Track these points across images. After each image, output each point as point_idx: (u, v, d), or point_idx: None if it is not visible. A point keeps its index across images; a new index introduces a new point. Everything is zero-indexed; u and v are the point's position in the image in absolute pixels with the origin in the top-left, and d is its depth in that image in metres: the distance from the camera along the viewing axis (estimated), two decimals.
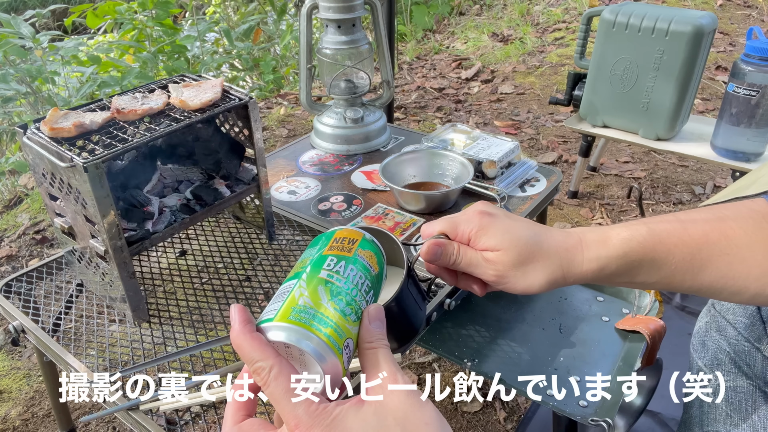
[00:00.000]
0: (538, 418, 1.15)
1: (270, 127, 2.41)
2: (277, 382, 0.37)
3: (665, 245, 0.49)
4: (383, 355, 0.40)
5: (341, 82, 1.29)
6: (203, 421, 0.70)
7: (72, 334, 0.84)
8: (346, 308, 0.41)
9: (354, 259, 0.44)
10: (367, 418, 0.37)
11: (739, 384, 0.68)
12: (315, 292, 0.41)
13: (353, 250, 0.45)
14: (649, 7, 1.46)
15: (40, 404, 1.25)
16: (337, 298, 0.41)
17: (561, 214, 1.82)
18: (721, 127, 1.43)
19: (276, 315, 0.39)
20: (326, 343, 0.38)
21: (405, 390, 0.38)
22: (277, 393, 0.37)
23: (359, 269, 0.44)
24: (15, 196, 2.04)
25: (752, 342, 0.70)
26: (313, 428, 0.36)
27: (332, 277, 0.42)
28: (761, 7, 3.45)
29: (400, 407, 0.37)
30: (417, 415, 0.37)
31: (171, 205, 0.89)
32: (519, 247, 0.49)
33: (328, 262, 0.43)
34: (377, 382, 0.38)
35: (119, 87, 2.03)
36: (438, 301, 0.85)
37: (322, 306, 0.40)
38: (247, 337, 0.38)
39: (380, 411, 0.37)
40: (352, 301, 0.42)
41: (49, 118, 0.76)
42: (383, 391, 0.38)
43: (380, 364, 0.39)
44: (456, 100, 2.61)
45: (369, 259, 0.46)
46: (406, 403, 0.37)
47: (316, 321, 0.39)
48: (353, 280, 0.43)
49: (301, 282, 0.41)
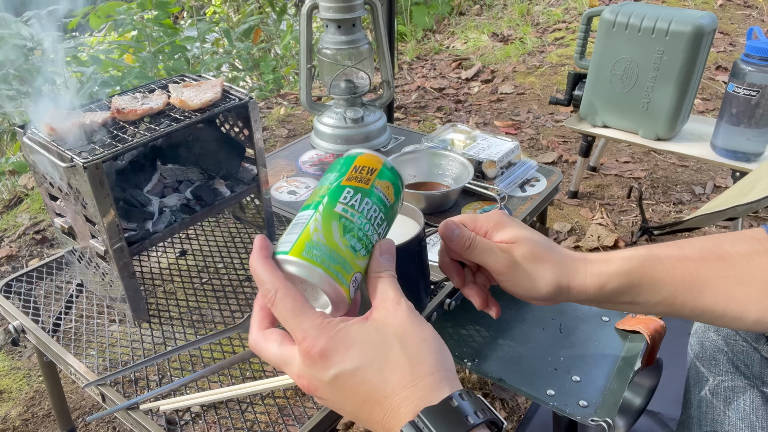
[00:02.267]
0: (538, 418, 1.15)
1: (270, 127, 2.41)
2: (283, 302, 0.40)
3: (665, 265, 0.50)
4: (389, 283, 0.43)
5: (341, 82, 1.29)
6: (203, 421, 0.70)
7: (72, 334, 0.84)
8: (357, 244, 0.44)
9: (371, 191, 0.45)
10: (369, 331, 0.40)
11: (737, 384, 0.68)
12: (329, 228, 0.43)
13: (371, 181, 0.46)
14: (649, 7, 1.46)
15: (40, 404, 1.25)
16: (350, 234, 0.43)
17: (561, 214, 1.82)
18: (721, 127, 1.43)
19: (291, 248, 0.43)
20: (334, 279, 0.42)
21: (406, 311, 0.41)
22: (283, 312, 0.40)
23: (375, 202, 0.45)
24: (15, 196, 2.04)
25: (750, 342, 0.70)
26: (318, 339, 0.39)
27: (347, 212, 0.44)
28: (761, 7, 3.45)
29: (400, 324, 0.40)
30: (416, 331, 0.40)
31: (171, 205, 0.89)
32: (533, 244, 0.51)
33: (345, 195, 0.45)
34: (382, 305, 0.42)
35: (119, 87, 2.03)
36: (438, 301, 0.85)
37: (333, 243, 0.43)
38: (260, 262, 0.42)
39: (381, 327, 0.40)
40: (364, 236, 0.44)
41: (49, 118, 0.76)
42: (385, 312, 0.41)
43: (386, 291, 0.42)
44: (456, 100, 2.61)
45: (386, 191, 0.46)
46: (407, 321, 0.40)
47: (327, 258, 0.42)
48: (367, 214, 0.45)
49: (317, 215, 0.44)
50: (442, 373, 0.39)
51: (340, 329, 0.39)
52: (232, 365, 0.75)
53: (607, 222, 1.76)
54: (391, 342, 0.39)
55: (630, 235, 1.69)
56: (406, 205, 0.77)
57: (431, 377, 0.38)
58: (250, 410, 0.71)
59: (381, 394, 0.38)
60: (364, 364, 0.39)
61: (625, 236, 1.69)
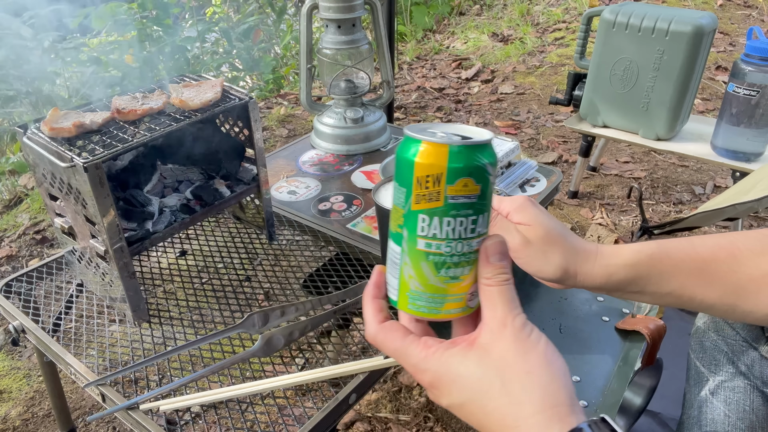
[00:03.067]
0: None
1: (270, 127, 2.41)
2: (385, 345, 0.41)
3: (673, 259, 0.50)
4: (499, 293, 0.39)
5: (341, 82, 1.29)
6: (203, 421, 0.70)
7: (72, 334, 0.84)
8: (456, 270, 0.39)
9: (445, 209, 0.38)
10: (470, 365, 0.38)
11: (737, 384, 0.68)
12: (420, 271, 0.40)
13: (441, 194, 0.38)
14: (649, 7, 1.46)
15: (40, 404, 1.25)
16: (444, 268, 0.39)
17: (561, 214, 1.82)
18: (721, 127, 1.43)
19: (397, 300, 0.42)
20: (446, 317, 0.41)
21: (511, 336, 0.38)
22: (389, 352, 0.41)
23: (455, 215, 0.38)
24: (15, 196, 2.04)
25: (750, 342, 0.70)
26: (425, 373, 0.39)
27: (431, 246, 0.39)
28: (761, 7, 3.45)
29: (502, 356, 0.38)
30: (519, 363, 0.37)
31: (171, 205, 0.89)
32: (549, 229, 0.51)
33: (421, 225, 0.39)
34: (488, 324, 0.39)
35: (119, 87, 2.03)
36: None
37: (431, 286, 0.40)
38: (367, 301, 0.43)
39: (483, 359, 0.38)
40: (461, 256, 0.39)
41: (49, 118, 0.76)
42: (490, 335, 0.38)
43: (495, 305, 0.39)
44: (456, 100, 2.61)
45: (464, 191, 0.38)
46: (510, 351, 0.37)
47: (431, 303, 0.40)
48: (454, 233, 0.39)
49: (405, 258, 0.40)
50: (551, 411, 0.36)
51: (443, 362, 0.39)
52: (232, 365, 0.75)
53: (607, 222, 1.76)
54: (492, 379, 0.37)
55: (630, 235, 1.69)
56: None
57: (534, 418, 0.36)
58: (250, 410, 0.71)
59: (489, 429, 0.38)
60: (468, 399, 0.38)
61: (625, 236, 1.69)
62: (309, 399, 0.71)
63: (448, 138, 0.38)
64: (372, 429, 1.17)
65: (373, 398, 1.23)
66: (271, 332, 0.76)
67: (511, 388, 0.37)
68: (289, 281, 0.93)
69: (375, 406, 1.21)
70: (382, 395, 1.23)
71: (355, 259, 0.97)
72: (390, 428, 1.17)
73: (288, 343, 0.78)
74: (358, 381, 0.72)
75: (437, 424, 1.17)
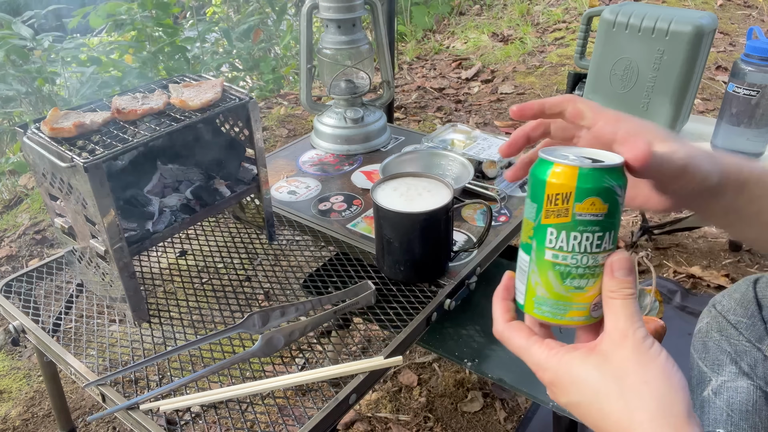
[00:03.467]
0: (538, 418, 1.15)
1: (270, 127, 2.41)
2: (510, 343, 0.45)
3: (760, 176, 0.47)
4: (621, 307, 0.40)
5: (341, 82, 1.29)
6: (203, 421, 0.70)
7: (72, 334, 0.84)
8: (580, 282, 0.42)
9: (573, 224, 0.41)
10: (590, 369, 0.40)
11: (740, 384, 0.68)
12: (547, 279, 0.43)
13: (570, 211, 0.41)
14: (649, 7, 1.46)
15: (40, 404, 1.25)
16: (569, 278, 0.42)
17: None
18: (721, 127, 1.43)
19: (524, 304, 0.46)
20: (569, 324, 0.44)
21: (632, 346, 0.39)
22: (513, 350, 0.44)
23: (584, 230, 0.41)
24: (15, 196, 2.04)
25: (753, 342, 0.70)
26: (546, 372, 0.42)
27: (557, 257, 0.42)
28: (761, 7, 3.45)
29: (622, 365, 0.39)
30: (638, 373, 0.38)
31: (171, 205, 0.89)
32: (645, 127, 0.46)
33: (549, 238, 0.42)
34: (610, 335, 0.40)
35: (119, 87, 2.03)
36: (438, 301, 0.85)
37: (556, 294, 0.43)
38: (497, 302, 0.46)
39: (602, 365, 0.39)
40: (586, 269, 0.42)
41: (50, 118, 0.76)
42: (611, 344, 0.40)
43: (617, 317, 0.40)
44: (456, 100, 2.61)
45: (591, 209, 0.41)
46: (630, 360, 0.39)
47: (555, 310, 0.44)
48: (580, 247, 0.41)
49: (533, 266, 0.44)
50: (664, 420, 0.36)
51: (564, 363, 0.41)
52: (232, 365, 0.75)
53: None
54: (610, 384, 0.39)
55: (630, 235, 1.69)
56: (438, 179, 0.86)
57: (648, 425, 0.36)
58: (250, 410, 0.71)
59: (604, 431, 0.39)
60: (585, 401, 0.40)
61: (625, 236, 1.69)
62: (309, 399, 0.71)
63: (579, 161, 0.41)
64: (372, 429, 1.17)
65: (373, 398, 1.23)
66: (271, 332, 0.76)
67: (627, 395, 0.38)
68: (289, 281, 0.93)
69: (375, 406, 1.21)
70: (382, 395, 1.23)
71: (355, 259, 0.97)
72: (390, 428, 1.16)
73: (288, 343, 0.78)
74: (358, 381, 0.72)
75: (437, 424, 1.17)
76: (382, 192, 0.86)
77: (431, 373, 1.28)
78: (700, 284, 1.50)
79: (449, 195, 0.83)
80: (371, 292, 0.83)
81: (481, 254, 0.94)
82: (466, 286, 0.90)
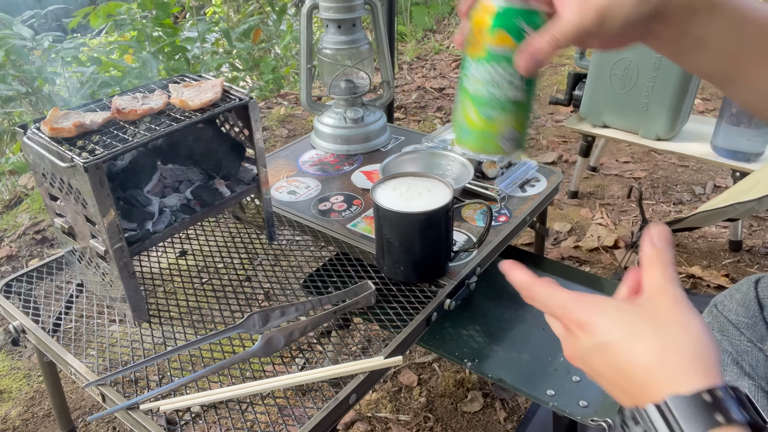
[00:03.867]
0: (538, 418, 1.15)
1: (270, 127, 2.41)
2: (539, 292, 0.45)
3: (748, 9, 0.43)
4: (659, 271, 0.41)
5: (341, 82, 1.29)
6: (203, 421, 0.70)
7: (72, 334, 0.84)
8: (491, 111, 0.48)
9: (487, 57, 0.46)
10: (625, 311, 0.40)
11: (741, 385, 0.68)
12: (466, 108, 0.49)
13: (481, 43, 0.46)
14: None
15: (40, 404, 1.25)
16: (482, 107, 0.47)
17: (561, 214, 1.82)
18: (721, 127, 1.43)
19: (455, 137, 0.51)
20: (482, 152, 0.50)
21: (671, 300, 0.40)
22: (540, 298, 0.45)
23: (495, 63, 0.46)
24: (15, 196, 2.04)
25: (755, 342, 0.70)
26: (576, 312, 0.41)
27: (473, 88, 0.47)
28: None
29: (659, 310, 0.40)
30: (676, 321, 0.39)
31: (171, 205, 0.89)
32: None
33: (470, 70, 0.47)
34: (647, 291, 0.41)
35: (119, 87, 2.03)
36: (438, 301, 0.85)
37: (472, 122, 0.49)
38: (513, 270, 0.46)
39: (638, 310, 0.40)
40: (495, 101, 0.47)
41: (50, 118, 0.76)
42: (648, 298, 0.41)
43: (655, 278, 0.41)
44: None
45: (502, 43, 0.45)
46: (669, 308, 0.40)
47: (473, 139, 0.49)
48: (492, 79, 0.46)
49: (459, 96, 0.49)
50: (696, 365, 0.37)
51: (599, 303, 0.41)
52: (232, 365, 0.75)
53: (607, 222, 1.76)
54: (644, 324, 0.39)
55: (630, 235, 1.69)
56: (438, 179, 0.87)
57: (681, 366, 0.37)
58: (250, 410, 0.71)
59: (630, 371, 0.39)
60: (614, 340, 0.39)
61: (625, 236, 1.69)
62: (309, 399, 0.71)
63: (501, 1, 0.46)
64: (372, 429, 1.17)
65: (373, 398, 1.23)
66: (271, 332, 0.76)
67: (663, 336, 0.38)
68: (289, 281, 0.93)
69: (375, 406, 1.21)
70: (382, 395, 1.23)
71: (355, 259, 0.97)
72: (390, 428, 1.17)
73: (288, 343, 0.78)
74: (358, 381, 0.72)
75: (437, 424, 1.17)
76: (382, 192, 0.86)
77: (431, 373, 1.28)
78: (700, 284, 1.50)
79: (449, 195, 0.83)
80: (371, 292, 0.83)
81: (481, 254, 0.94)
82: (466, 286, 0.90)
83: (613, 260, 1.60)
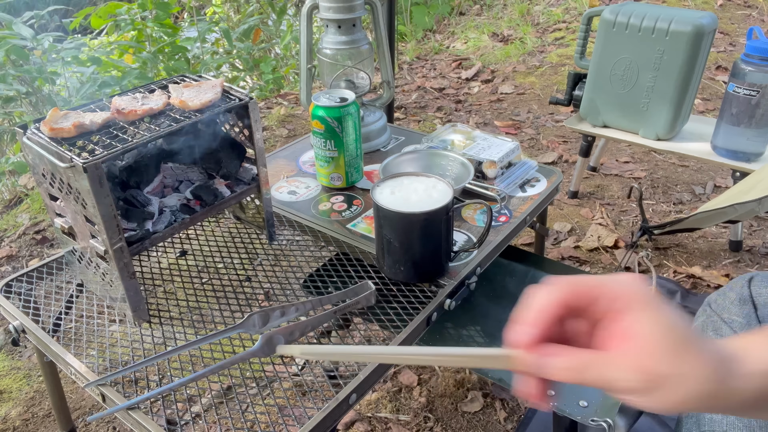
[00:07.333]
0: (538, 418, 1.15)
1: (270, 127, 2.41)
2: None
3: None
4: None
5: (341, 82, 1.29)
6: (203, 421, 0.70)
7: (72, 334, 0.84)
8: (322, 163, 0.92)
9: (313, 132, 0.84)
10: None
11: None
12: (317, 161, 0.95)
13: (312, 125, 0.81)
14: (649, 7, 1.46)
15: (40, 404, 1.25)
16: (318, 160, 0.81)
17: (561, 214, 1.82)
18: (721, 127, 1.43)
19: None
20: (329, 185, 0.96)
21: None
22: None
23: (317, 137, 0.80)
24: (15, 196, 2.04)
25: None
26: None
27: (315, 148, 0.82)
28: (761, 7, 3.45)
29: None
30: None
31: (171, 205, 0.89)
32: None
33: (312, 138, 0.84)
34: None
35: (119, 87, 2.03)
36: (438, 301, 0.85)
37: (318, 167, 0.93)
38: None
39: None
40: (321, 157, 0.97)
41: (49, 118, 0.76)
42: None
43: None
44: (456, 100, 2.61)
45: (317, 126, 0.82)
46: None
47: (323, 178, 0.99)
48: (319, 144, 1.03)
49: None
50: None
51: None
52: (232, 365, 0.75)
53: (607, 222, 1.76)
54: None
55: (630, 235, 1.69)
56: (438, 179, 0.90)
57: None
58: (251, 410, 0.71)
59: None
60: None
61: (625, 236, 1.69)
62: (309, 399, 0.71)
63: (318, 99, 0.96)
64: (372, 429, 1.17)
65: (373, 398, 1.23)
66: (271, 332, 0.76)
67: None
68: (289, 281, 0.93)
69: (375, 406, 1.21)
70: (382, 395, 1.23)
71: (355, 259, 0.97)
72: (390, 428, 1.17)
73: (288, 343, 0.77)
74: (358, 381, 0.72)
75: (437, 424, 1.17)
76: (382, 192, 0.86)
77: (431, 373, 1.28)
78: (700, 284, 1.50)
79: (449, 195, 0.84)
80: (371, 292, 0.83)
81: (481, 254, 0.94)
82: (466, 286, 0.90)
83: (613, 260, 1.60)
